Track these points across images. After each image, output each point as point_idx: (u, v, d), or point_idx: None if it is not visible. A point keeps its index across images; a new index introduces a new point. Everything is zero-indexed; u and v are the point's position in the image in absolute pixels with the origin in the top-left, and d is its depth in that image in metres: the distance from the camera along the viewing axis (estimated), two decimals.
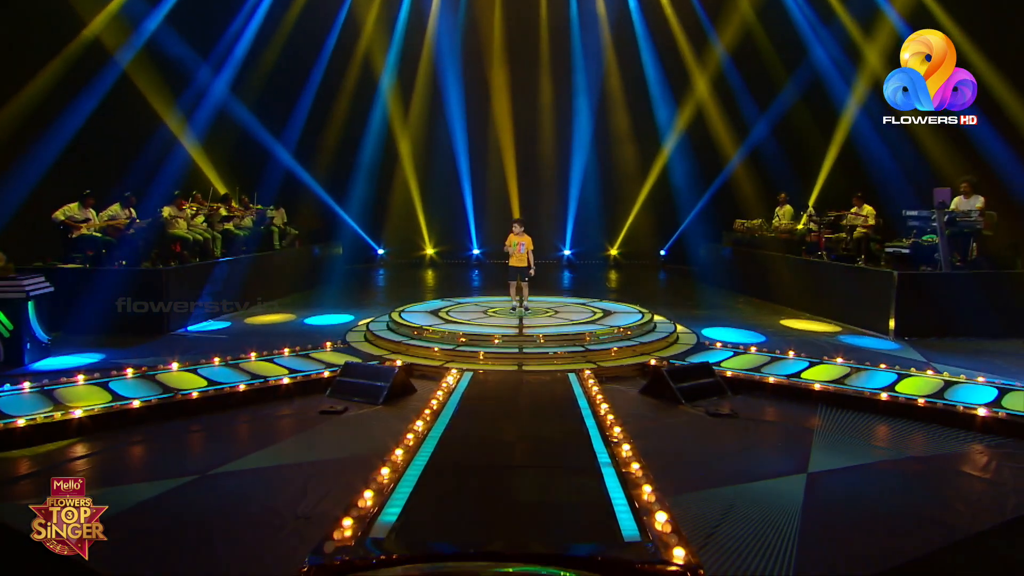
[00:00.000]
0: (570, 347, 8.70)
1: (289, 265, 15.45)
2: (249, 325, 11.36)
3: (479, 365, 8.25)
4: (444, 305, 11.33)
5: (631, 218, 20.63)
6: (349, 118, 19.77)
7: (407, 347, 8.87)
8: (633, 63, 19.97)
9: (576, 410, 6.60)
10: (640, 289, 16.56)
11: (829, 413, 6.75)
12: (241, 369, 7.73)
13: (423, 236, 21.21)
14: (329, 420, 6.57)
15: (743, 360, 8.35)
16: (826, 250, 12.92)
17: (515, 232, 10.43)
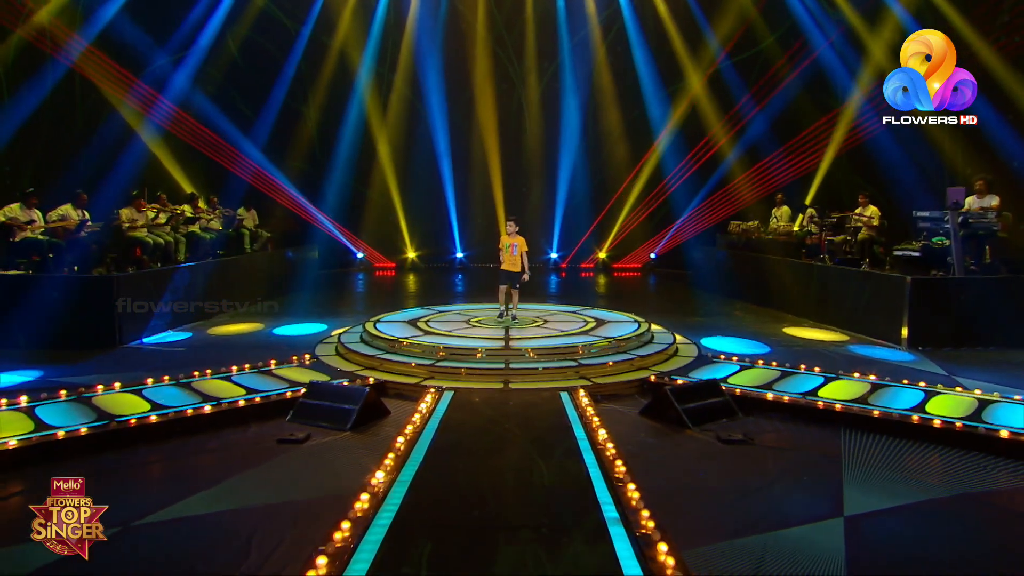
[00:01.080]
0: (561, 361, 7.91)
1: (260, 270, 14.55)
2: (212, 336, 10.47)
3: (461, 383, 7.44)
4: (424, 314, 10.49)
5: (621, 219, 19.90)
6: (325, 114, 18.92)
7: (382, 362, 8.03)
8: (624, 57, 19.26)
9: (571, 439, 5.81)
10: (632, 295, 15.82)
11: (854, 438, 5.99)
12: (192, 390, 6.85)
13: (404, 239, 20.35)
14: (287, 451, 5.72)
15: (751, 375, 7.60)
16: (828, 253, 12.22)
17: (508, 232, 9.60)
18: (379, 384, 7.42)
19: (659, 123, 18.97)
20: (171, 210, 12.42)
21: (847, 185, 14.64)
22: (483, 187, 19.74)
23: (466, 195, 19.96)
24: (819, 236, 12.88)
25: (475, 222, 20.07)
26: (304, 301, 14.07)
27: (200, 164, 16.05)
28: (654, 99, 18.93)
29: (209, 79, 16.35)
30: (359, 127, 19.20)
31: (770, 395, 6.88)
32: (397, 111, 19.64)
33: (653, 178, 19.34)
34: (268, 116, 17.64)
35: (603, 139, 19.89)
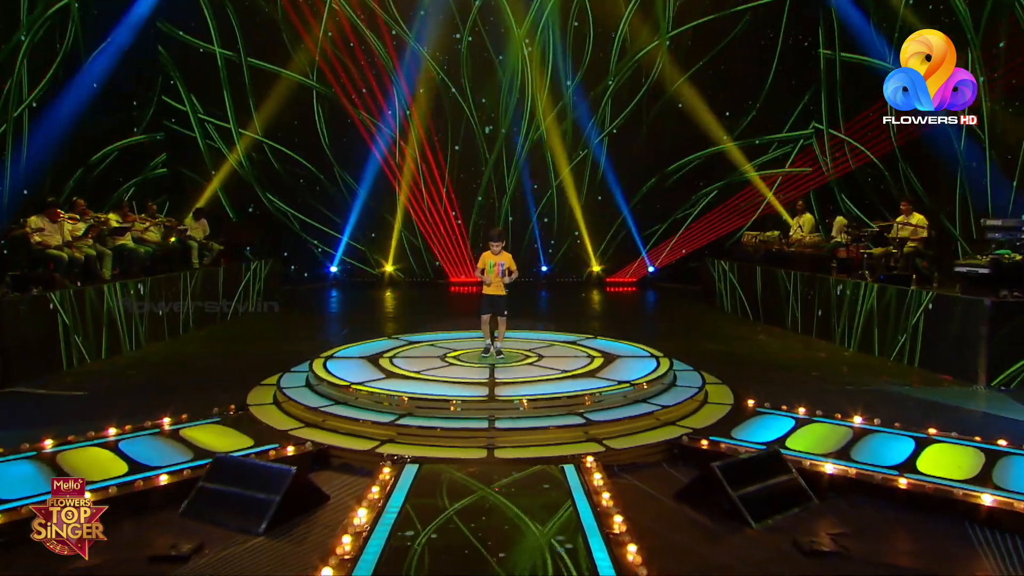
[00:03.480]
0: (563, 416, 6.04)
1: (207, 288, 12.57)
2: (127, 375, 8.54)
3: (430, 449, 5.56)
4: (391, 346, 8.56)
5: (615, 227, 18.06)
6: (292, 114, 17.04)
7: (326, 417, 6.14)
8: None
9: (585, 549, 3.94)
10: (634, 316, 14.03)
11: (996, 541, 4.16)
12: (54, 465, 4.91)
13: (384, 251, 18.41)
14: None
15: (816, 435, 5.76)
16: (869, 268, 10.45)
17: (492, 250, 7.66)
18: (319, 452, 5.53)
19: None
20: (93, 218, 10.47)
21: (883, 189, 12.98)
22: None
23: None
24: (854, 249, 11.15)
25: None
26: (259, 323, 12.17)
27: (133, 164, 14.10)
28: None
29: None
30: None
31: (853, 470, 5.04)
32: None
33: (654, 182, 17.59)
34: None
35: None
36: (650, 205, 17.68)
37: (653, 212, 17.73)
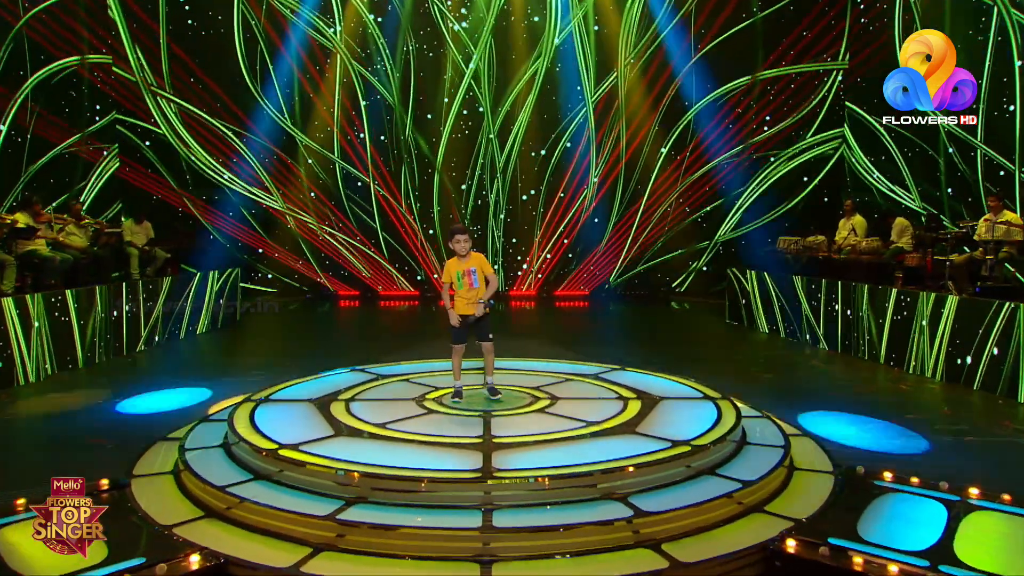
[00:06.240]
0: (594, 502, 3.97)
1: (145, 305, 10.45)
2: (4, 421, 6.43)
3: (389, 565, 3.48)
4: (350, 382, 6.45)
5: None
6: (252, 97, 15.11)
7: (240, 502, 4.05)
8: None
9: None
10: (655, 333, 12.03)
11: None
12: None
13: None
14: None
15: (985, 533, 3.72)
16: (952, 279, 8.45)
17: (458, 252, 5.53)
18: (216, 567, 3.46)
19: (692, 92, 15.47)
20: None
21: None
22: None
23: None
24: (923, 255, 9.19)
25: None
26: (201, 347, 10.09)
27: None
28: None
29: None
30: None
31: None
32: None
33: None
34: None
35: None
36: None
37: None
